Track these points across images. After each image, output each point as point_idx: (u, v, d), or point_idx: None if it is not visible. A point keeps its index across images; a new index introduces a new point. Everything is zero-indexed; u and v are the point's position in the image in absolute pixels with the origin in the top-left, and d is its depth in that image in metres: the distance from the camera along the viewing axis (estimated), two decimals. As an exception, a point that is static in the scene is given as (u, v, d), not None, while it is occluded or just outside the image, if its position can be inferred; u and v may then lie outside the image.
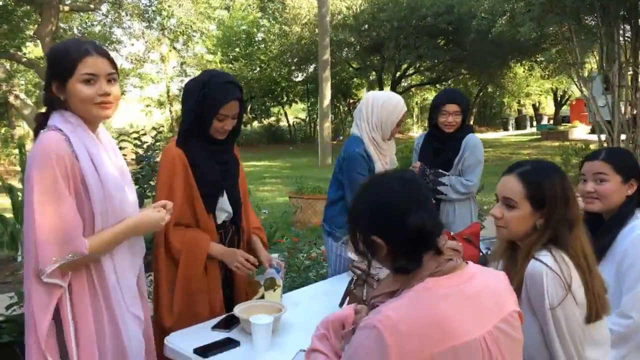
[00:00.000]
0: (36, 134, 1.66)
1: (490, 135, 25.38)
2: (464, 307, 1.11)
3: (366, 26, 17.55)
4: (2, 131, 18.54)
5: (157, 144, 3.16)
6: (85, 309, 1.62)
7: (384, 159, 2.80)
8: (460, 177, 3.07)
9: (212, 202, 2.17)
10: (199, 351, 1.76)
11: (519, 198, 1.58)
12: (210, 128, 2.10)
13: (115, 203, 1.67)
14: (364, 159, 2.72)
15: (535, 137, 22.12)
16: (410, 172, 1.30)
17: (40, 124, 1.66)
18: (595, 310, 1.53)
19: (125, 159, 1.89)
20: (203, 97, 2.05)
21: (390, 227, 1.18)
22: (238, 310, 1.96)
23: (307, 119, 26.63)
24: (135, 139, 3.08)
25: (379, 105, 2.72)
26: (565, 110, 28.85)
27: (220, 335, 1.90)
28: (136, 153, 3.05)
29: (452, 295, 1.11)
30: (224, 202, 2.20)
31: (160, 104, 24.90)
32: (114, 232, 1.67)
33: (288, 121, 26.33)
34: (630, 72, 7.40)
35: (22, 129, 19.21)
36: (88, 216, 1.63)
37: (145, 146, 3.08)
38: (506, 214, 1.60)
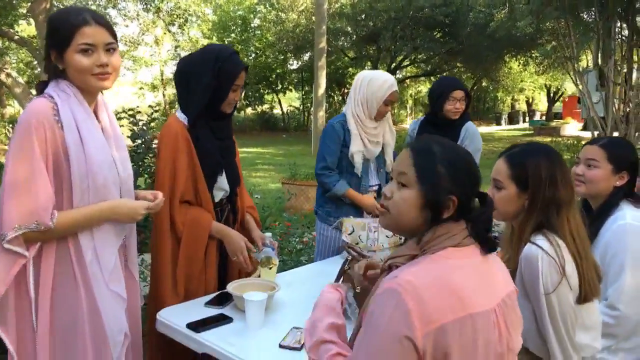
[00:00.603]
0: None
1: (483, 129, 25.45)
2: (477, 278, 1.12)
3: (363, 15, 17.49)
4: (-7, 110, 18.34)
5: (153, 123, 3.14)
6: (50, 284, 1.59)
7: (371, 138, 2.75)
8: None
9: (212, 180, 2.15)
10: (192, 326, 1.76)
11: (505, 179, 1.60)
12: (224, 101, 2.10)
13: (97, 180, 1.62)
14: (335, 130, 2.72)
15: (527, 132, 22.22)
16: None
17: (39, 92, 1.64)
18: (584, 294, 1.54)
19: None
20: (219, 71, 2.05)
21: (468, 192, 1.18)
22: (231, 287, 1.96)
23: (301, 107, 26.56)
24: (130, 116, 3.06)
25: (366, 82, 2.71)
26: (558, 106, 29.00)
27: (213, 311, 1.90)
28: (132, 130, 3.03)
29: (466, 266, 1.12)
30: (222, 180, 2.19)
31: (154, 87, 24.71)
32: (87, 212, 1.61)
33: (282, 109, 26.24)
34: (625, 70, 7.44)
35: (13, 108, 19.01)
36: (66, 189, 1.59)
37: (140, 124, 3.05)
38: (495, 195, 1.62)
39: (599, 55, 7.51)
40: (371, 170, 2.83)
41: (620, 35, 7.54)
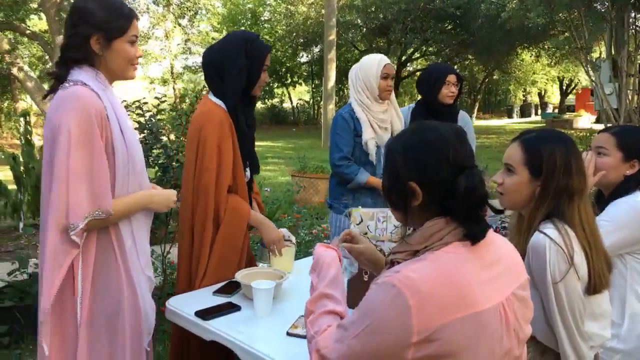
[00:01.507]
0: (54, 88, 1.62)
1: (495, 122, 25.28)
2: (484, 273, 1.08)
3: (373, 8, 17.38)
4: (5, 104, 18.50)
5: (160, 113, 3.14)
6: (91, 274, 1.60)
7: (380, 124, 2.77)
8: None
9: (244, 167, 2.22)
10: (200, 314, 1.77)
11: (518, 164, 1.56)
12: (256, 83, 2.17)
13: (136, 166, 1.68)
14: (345, 120, 2.76)
15: (539, 125, 22.02)
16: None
17: (59, 77, 1.62)
18: (593, 285, 1.52)
19: None
20: (250, 51, 2.12)
21: (437, 182, 1.10)
22: (240, 276, 1.96)
23: (311, 101, 26.51)
24: (137, 107, 3.06)
25: (360, 66, 2.79)
26: (570, 99, 28.70)
27: (221, 299, 1.91)
28: (139, 122, 3.04)
29: (471, 261, 1.08)
30: (247, 168, 2.25)
31: (164, 82, 24.80)
32: (132, 199, 1.68)
33: (292, 103, 26.22)
34: (639, 61, 7.33)
35: (25, 102, 19.17)
36: (111, 177, 1.62)
37: (148, 115, 3.06)
38: (505, 180, 1.59)
39: (612, 46, 7.41)
40: (383, 157, 2.82)
41: (634, 26, 7.42)
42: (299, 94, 28.39)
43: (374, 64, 2.75)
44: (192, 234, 2.13)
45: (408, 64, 21.95)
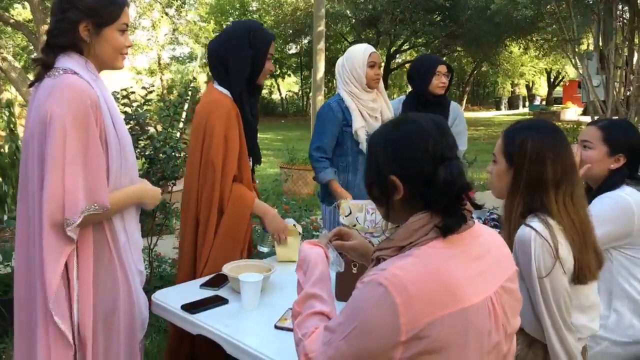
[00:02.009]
0: (41, 75, 1.54)
1: (483, 114, 25.39)
2: (471, 267, 1.07)
3: (362, -2, 17.30)
4: (-11, 95, 18.21)
5: (147, 104, 3.09)
6: (89, 269, 1.55)
7: (370, 112, 2.74)
8: None
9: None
10: (187, 307, 1.75)
11: (498, 153, 1.58)
12: (261, 72, 2.19)
13: (128, 159, 1.64)
14: (332, 109, 2.73)
15: (527, 117, 22.15)
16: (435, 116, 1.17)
17: (45, 64, 1.54)
18: (577, 276, 1.52)
19: None
20: (254, 40, 2.14)
21: (417, 174, 1.08)
22: (227, 268, 1.94)
23: (300, 92, 26.42)
24: (124, 97, 3.00)
25: (346, 57, 2.77)
26: (558, 91, 28.88)
27: (208, 293, 1.88)
28: (125, 113, 2.99)
29: (459, 255, 1.06)
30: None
31: (151, 73, 24.55)
32: (129, 192, 1.65)
33: (280, 94, 26.10)
34: (626, 53, 7.37)
35: (10, 93, 18.88)
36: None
37: (134, 105, 3.00)
38: (492, 169, 1.61)
39: (600, 38, 7.44)
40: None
41: (621, 18, 7.45)
42: (288, 86, 28.28)
43: (359, 53, 2.73)
44: (196, 223, 2.15)
45: (397, 56, 21.92)
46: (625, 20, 7.45)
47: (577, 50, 7.55)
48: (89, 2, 1.55)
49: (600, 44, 7.47)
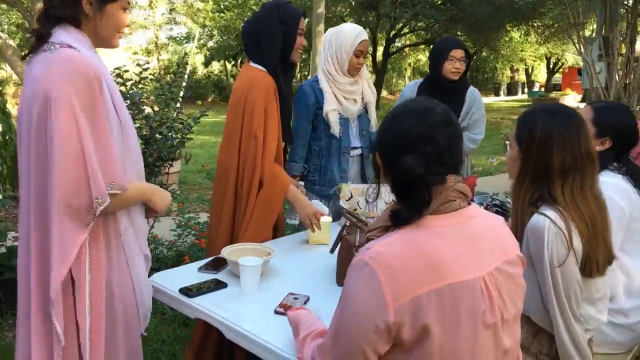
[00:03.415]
0: (35, 48, 1.45)
1: (482, 100, 25.22)
2: (461, 246, 1.05)
3: (363, -20, 17.09)
4: (-17, 73, 18.00)
5: (142, 83, 3.01)
6: (103, 262, 1.47)
7: (347, 95, 2.59)
8: (464, 132, 3.00)
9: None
10: (185, 291, 1.71)
11: (512, 137, 1.57)
12: (294, 47, 2.24)
13: (132, 153, 1.54)
14: (304, 92, 2.60)
15: (526, 103, 22.07)
16: (446, 107, 1.14)
17: (41, 36, 1.45)
18: (583, 270, 1.48)
19: None
20: (283, 17, 2.20)
21: (387, 154, 1.12)
22: (226, 252, 1.90)
23: (299, 75, 26.23)
24: (118, 76, 2.93)
25: (333, 35, 2.57)
26: (557, 78, 28.76)
27: (207, 276, 1.85)
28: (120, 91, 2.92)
29: (448, 234, 1.05)
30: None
31: (148, 53, 24.28)
32: (141, 187, 1.57)
33: (279, 76, 25.88)
34: (629, 40, 7.30)
35: (5, 72, 18.67)
36: None
37: (129, 84, 2.94)
38: (507, 154, 1.61)
39: (603, 24, 7.36)
40: (352, 130, 2.65)
41: (625, 5, 7.37)
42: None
43: (350, 37, 2.52)
44: (234, 196, 2.19)
45: (397, 39, 21.71)
46: (628, 7, 7.37)
47: (580, 34, 7.46)
48: None
49: (603, 30, 7.40)
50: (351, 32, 2.53)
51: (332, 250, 1.92)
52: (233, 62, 23.09)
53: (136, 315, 1.62)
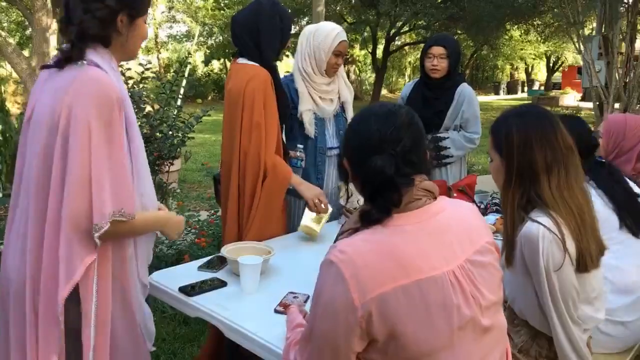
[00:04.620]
0: (61, 65, 1.40)
1: (481, 98, 25.26)
2: (427, 242, 1.06)
3: (363, -22, 17.06)
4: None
5: (143, 82, 3.02)
6: (107, 283, 1.43)
7: (323, 95, 2.52)
8: (460, 131, 2.98)
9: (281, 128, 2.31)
10: (184, 290, 1.71)
11: (490, 149, 1.56)
12: (286, 44, 2.30)
13: (140, 171, 1.49)
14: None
15: (526, 102, 22.06)
16: (409, 109, 1.18)
17: (72, 58, 1.39)
18: (578, 264, 1.48)
19: None
20: (282, 13, 2.25)
21: (355, 157, 1.15)
22: (226, 250, 1.90)
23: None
24: (121, 74, 2.94)
25: (312, 33, 2.47)
26: (557, 77, 28.75)
27: (206, 275, 1.85)
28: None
29: (413, 231, 1.06)
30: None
31: (148, 51, 24.25)
32: (151, 216, 1.54)
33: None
34: (628, 38, 7.29)
35: (5, 69, 18.65)
36: None
37: (130, 83, 2.94)
38: (490, 168, 1.59)
39: (603, 22, 7.35)
40: (328, 130, 2.59)
41: (624, 3, 7.37)
42: (286, 66, 28.02)
43: (329, 37, 2.43)
44: (238, 193, 2.21)
45: (397, 38, 21.68)
46: (628, 5, 7.36)
47: (580, 32, 7.46)
48: None
49: (603, 29, 7.39)
50: (331, 32, 2.45)
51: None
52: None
53: (140, 340, 1.57)
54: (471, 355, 1.07)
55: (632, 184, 1.99)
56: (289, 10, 2.36)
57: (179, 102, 3.25)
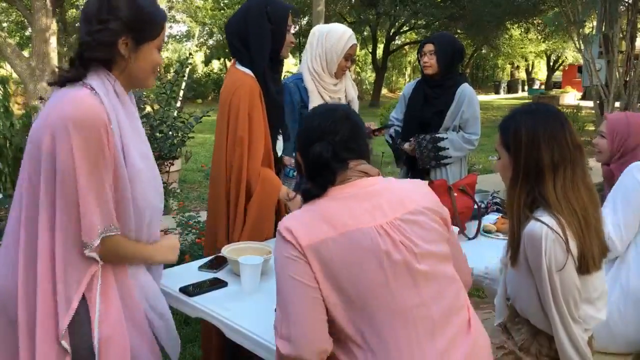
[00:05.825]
0: (61, 84, 1.39)
1: (482, 97, 25.24)
2: (355, 205, 1.24)
3: (363, -22, 17.06)
4: (-17, 72, 17.96)
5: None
6: (113, 291, 1.42)
7: (332, 95, 2.56)
8: (459, 132, 2.98)
9: (274, 138, 2.23)
10: (185, 290, 1.72)
11: (499, 147, 1.57)
12: (283, 45, 2.19)
13: (141, 210, 1.45)
14: (289, 91, 2.54)
15: (526, 101, 22.06)
16: (347, 106, 1.44)
17: (73, 80, 1.38)
18: (580, 265, 1.48)
19: None
20: (272, 14, 2.13)
21: (302, 147, 1.35)
22: (226, 251, 1.90)
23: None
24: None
25: (324, 35, 2.50)
26: (557, 75, 28.74)
27: (207, 275, 1.85)
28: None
29: (343, 198, 1.26)
30: (280, 139, 2.26)
31: (148, 51, 24.24)
32: (138, 249, 1.48)
33: (279, 75, 25.86)
34: (629, 37, 7.29)
35: (5, 70, 18.66)
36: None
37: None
38: (497, 164, 1.60)
39: (603, 21, 7.35)
40: None
41: (625, 1, 7.36)
42: (287, 66, 28.02)
43: (342, 39, 2.48)
44: (227, 203, 2.17)
45: (397, 37, 21.69)
46: (628, 4, 7.36)
47: (580, 31, 7.46)
48: (131, 15, 1.39)
49: (603, 27, 7.39)
50: (344, 35, 2.50)
51: None
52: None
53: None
54: (411, 297, 1.20)
55: None
56: (289, 6, 2.23)
57: (178, 104, 3.25)
